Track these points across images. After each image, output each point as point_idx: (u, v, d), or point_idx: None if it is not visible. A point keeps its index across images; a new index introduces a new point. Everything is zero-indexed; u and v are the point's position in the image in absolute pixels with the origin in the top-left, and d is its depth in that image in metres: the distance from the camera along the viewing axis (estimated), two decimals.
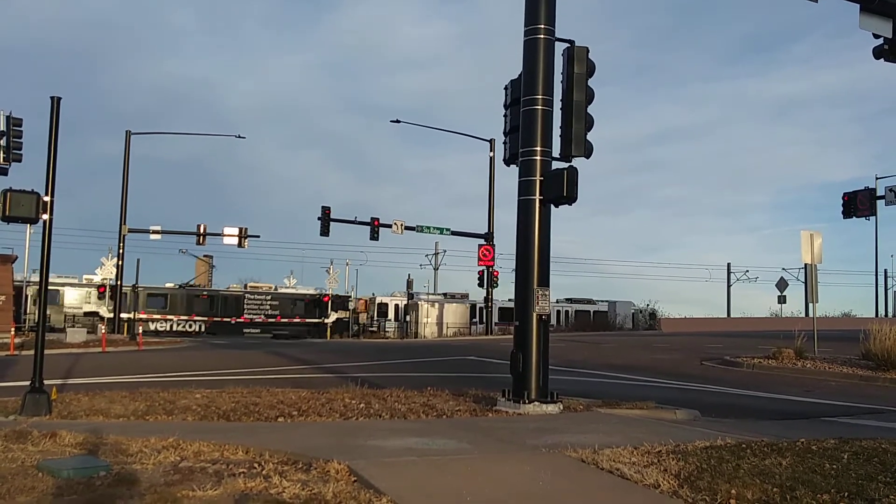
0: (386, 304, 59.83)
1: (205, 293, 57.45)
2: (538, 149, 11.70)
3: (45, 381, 11.17)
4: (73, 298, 51.61)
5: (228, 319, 55.17)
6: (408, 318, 53.99)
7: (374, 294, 62.68)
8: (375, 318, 59.09)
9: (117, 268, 43.77)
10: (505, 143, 12.82)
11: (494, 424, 10.12)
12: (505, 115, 12.86)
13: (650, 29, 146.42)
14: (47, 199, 11.35)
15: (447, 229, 50.19)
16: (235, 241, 48.92)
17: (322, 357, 25.81)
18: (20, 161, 28.91)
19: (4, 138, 28.37)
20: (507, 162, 12.62)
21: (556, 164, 11.82)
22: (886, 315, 67.39)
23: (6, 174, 28.98)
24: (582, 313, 65.66)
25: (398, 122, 50.07)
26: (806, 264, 23.24)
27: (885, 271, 76.60)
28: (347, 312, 57.35)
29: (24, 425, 8.82)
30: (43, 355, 11.26)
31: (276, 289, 58.50)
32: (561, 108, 12.05)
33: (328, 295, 55.83)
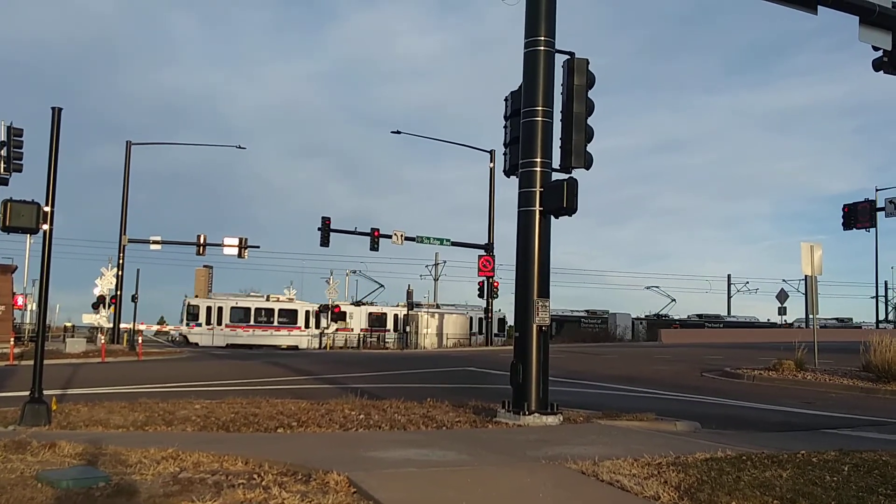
0: (385, 315, 59.71)
1: None
2: (538, 160, 11.72)
3: (45, 392, 11.15)
4: None
5: None
6: (407, 329, 53.97)
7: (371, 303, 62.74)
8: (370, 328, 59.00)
9: (117, 278, 43.76)
10: (505, 154, 12.84)
11: (494, 436, 10.10)
12: (505, 127, 12.89)
13: (651, 41, 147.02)
14: (47, 209, 11.37)
15: (447, 240, 50.21)
16: (235, 251, 48.97)
17: (322, 368, 25.76)
18: (21, 171, 28.92)
19: (5, 148, 28.42)
20: (508, 173, 12.64)
21: (556, 176, 11.84)
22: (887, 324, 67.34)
23: (7, 184, 28.98)
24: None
25: (399, 132, 50.24)
26: (806, 276, 23.24)
27: (886, 283, 76.58)
28: (346, 323, 57.35)
29: (23, 436, 8.81)
30: (42, 365, 11.25)
31: None
32: (561, 120, 12.08)
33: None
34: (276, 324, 55.99)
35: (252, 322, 55.71)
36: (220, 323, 54.96)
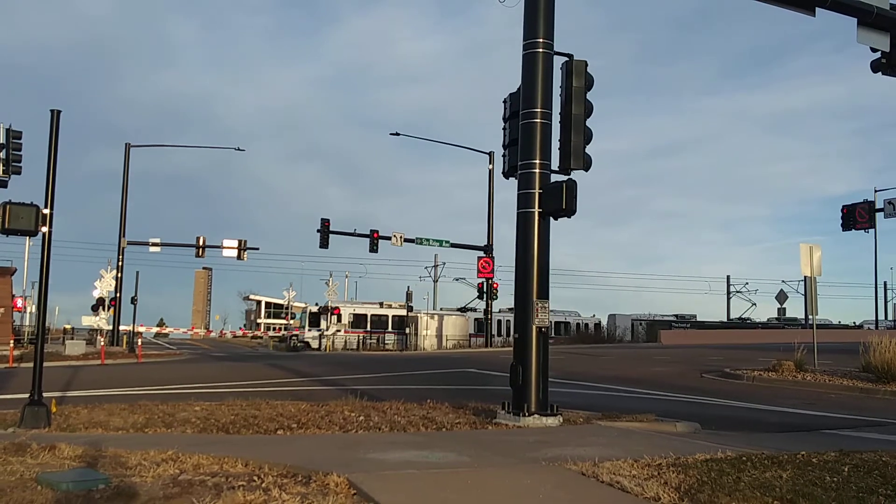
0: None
1: None
2: (537, 162, 11.72)
3: (45, 394, 11.15)
4: None
5: None
6: (407, 331, 54.06)
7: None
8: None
9: (116, 280, 43.77)
10: (504, 155, 12.84)
11: (494, 437, 10.09)
12: (504, 129, 12.90)
13: (650, 43, 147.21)
14: (47, 211, 11.37)
15: (446, 241, 50.27)
16: (235, 253, 49.02)
17: (321, 369, 25.76)
18: (20, 174, 28.96)
19: (4, 151, 28.44)
20: (507, 175, 12.64)
21: (555, 177, 11.83)
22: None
23: (6, 187, 29.04)
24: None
25: (398, 134, 50.46)
26: (805, 277, 23.22)
27: (885, 283, 76.57)
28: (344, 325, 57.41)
29: (23, 438, 8.80)
30: (42, 368, 11.24)
31: None
32: (560, 122, 12.08)
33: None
34: (389, 329, 56.82)
35: (369, 328, 56.38)
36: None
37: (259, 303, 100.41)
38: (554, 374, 12.96)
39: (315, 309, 56.52)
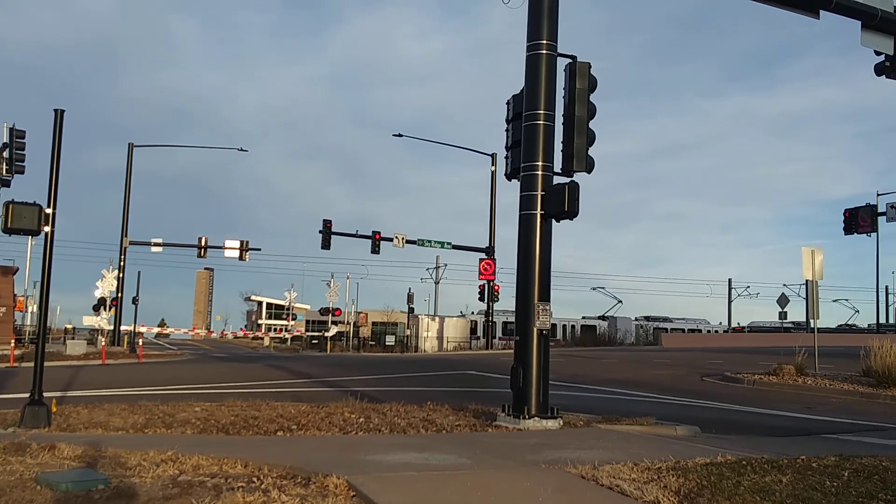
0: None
1: None
2: (540, 164, 11.71)
3: (45, 394, 11.15)
4: None
5: None
6: (408, 333, 54.10)
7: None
8: None
9: (118, 280, 43.78)
10: (507, 157, 12.84)
11: (494, 440, 10.08)
12: (507, 130, 12.89)
13: (653, 45, 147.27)
14: (49, 211, 11.37)
15: (448, 243, 50.23)
16: (237, 253, 49.02)
17: (322, 371, 25.76)
18: (23, 173, 29.06)
19: (7, 150, 28.51)
20: (509, 176, 12.64)
21: (557, 179, 11.82)
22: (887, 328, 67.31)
23: (9, 186, 29.14)
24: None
25: (400, 135, 50.30)
26: (807, 280, 23.20)
27: (886, 288, 76.40)
28: (347, 326, 57.44)
29: (22, 438, 8.80)
30: (43, 367, 11.24)
31: None
32: (563, 124, 12.07)
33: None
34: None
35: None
36: (493, 337, 56.43)
37: (260, 303, 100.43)
38: (554, 376, 12.94)
39: (471, 317, 58.85)
